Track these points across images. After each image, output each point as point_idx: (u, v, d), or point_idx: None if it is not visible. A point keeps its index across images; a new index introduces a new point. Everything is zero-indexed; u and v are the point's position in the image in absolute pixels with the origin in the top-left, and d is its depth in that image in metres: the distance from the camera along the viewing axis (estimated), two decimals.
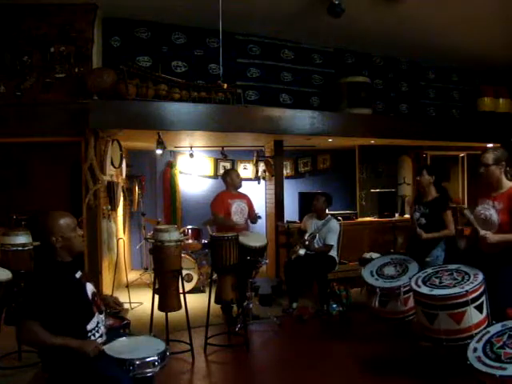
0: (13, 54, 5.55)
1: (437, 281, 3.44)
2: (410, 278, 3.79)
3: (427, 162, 8.48)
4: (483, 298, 3.26)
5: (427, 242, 4.34)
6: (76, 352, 2.35)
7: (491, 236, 3.40)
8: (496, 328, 2.58)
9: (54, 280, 2.46)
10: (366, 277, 4.18)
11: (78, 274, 2.61)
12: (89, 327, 2.52)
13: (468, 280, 3.30)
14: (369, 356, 4.17)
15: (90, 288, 2.65)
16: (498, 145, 8.02)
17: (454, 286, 3.29)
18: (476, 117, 8.24)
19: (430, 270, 3.64)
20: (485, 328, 3.05)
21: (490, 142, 7.82)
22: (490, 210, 3.53)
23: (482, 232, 3.44)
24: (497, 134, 7.76)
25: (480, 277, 3.29)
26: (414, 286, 3.48)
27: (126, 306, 5.78)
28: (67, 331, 2.42)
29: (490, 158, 3.53)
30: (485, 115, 8.18)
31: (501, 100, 8.34)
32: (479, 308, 3.23)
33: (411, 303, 3.88)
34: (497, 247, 3.44)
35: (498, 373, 2.23)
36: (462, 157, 8.51)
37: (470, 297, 3.18)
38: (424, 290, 3.38)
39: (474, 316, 3.19)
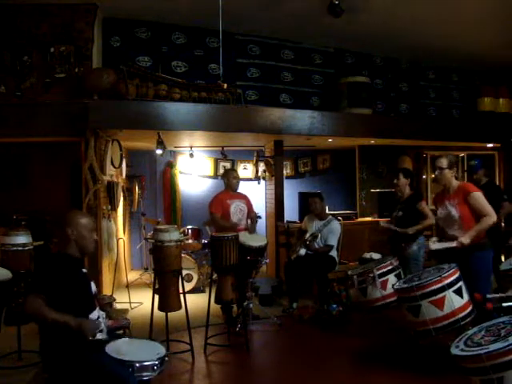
0: (13, 53, 5.56)
1: (416, 279, 3.69)
2: (389, 262, 4.29)
3: (427, 162, 8.48)
4: (460, 283, 3.48)
5: (407, 236, 4.67)
6: (74, 331, 2.40)
7: (465, 239, 3.69)
8: (473, 330, 2.72)
9: (62, 267, 2.59)
10: (348, 272, 4.61)
11: (85, 270, 2.74)
12: (91, 317, 2.58)
13: (443, 270, 3.55)
14: (369, 356, 4.17)
15: (93, 287, 2.76)
16: (499, 145, 8.06)
17: (431, 277, 3.52)
18: (476, 117, 8.25)
19: (410, 276, 3.96)
20: (470, 312, 3.42)
21: (489, 142, 7.85)
22: (449, 208, 3.90)
23: (457, 243, 3.72)
24: (497, 134, 7.76)
25: (453, 265, 3.56)
26: (396, 287, 3.76)
27: (126, 306, 5.78)
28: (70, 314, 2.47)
29: (444, 162, 3.94)
30: (485, 115, 8.19)
31: (501, 100, 8.35)
32: (458, 292, 3.45)
33: (390, 288, 4.13)
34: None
35: (483, 351, 2.34)
36: (462, 157, 8.51)
37: (446, 282, 3.42)
38: (403, 285, 3.67)
39: (454, 300, 3.41)
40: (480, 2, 5.79)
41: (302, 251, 5.61)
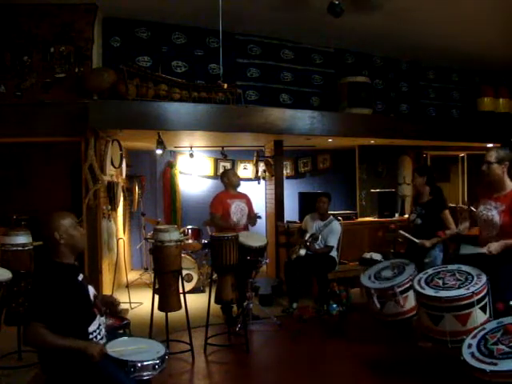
0: (13, 53, 5.55)
1: (440, 282, 3.40)
2: (409, 279, 3.80)
3: (427, 162, 8.48)
4: (487, 299, 3.25)
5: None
6: (81, 354, 2.35)
7: (494, 248, 3.35)
8: (492, 325, 2.61)
9: (57, 282, 2.48)
10: (363, 280, 4.19)
11: (81, 277, 2.63)
12: (90, 329, 2.52)
13: (472, 281, 3.27)
14: (369, 356, 4.17)
15: (91, 290, 2.67)
16: (499, 145, 8.05)
17: (459, 288, 3.26)
18: (476, 117, 8.25)
19: (430, 271, 3.60)
20: None
21: (489, 142, 7.83)
22: (492, 211, 3.49)
23: (486, 249, 3.37)
24: (497, 134, 7.76)
25: (484, 278, 3.27)
26: (418, 288, 3.43)
27: (126, 306, 5.78)
28: (70, 333, 2.42)
29: (493, 156, 3.49)
30: (485, 115, 8.19)
31: (501, 100, 8.35)
32: (483, 309, 3.22)
33: (409, 304, 3.88)
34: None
35: (489, 368, 2.25)
36: (462, 157, 8.51)
37: (476, 298, 3.16)
38: (429, 291, 3.34)
39: (479, 317, 3.18)
40: (480, 2, 5.78)
41: (302, 251, 5.62)
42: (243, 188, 5.80)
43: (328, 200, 5.86)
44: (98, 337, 2.57)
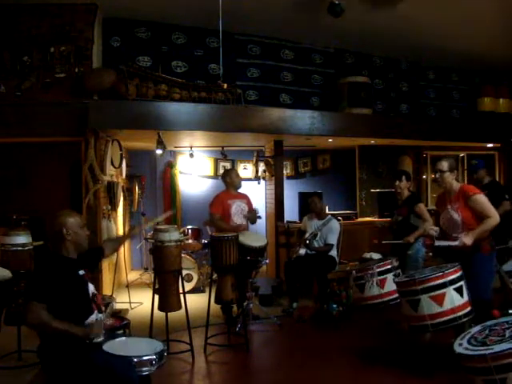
0: (13, 53, 5.55)
1: (417, 275, 3.68)
2: (389, 262, 4.29)
3: (427, 162, 8.48)
4: (462, 282, 3.48)
5: (407, 235, 4.68)
6: (76, 338, 2.43)
7: (467, 239, 3.66)
8: (476, 329, 2.74)
9: (59, 270, 2.58)
10: (348, 269, 4.64)
11: (82, 272, 2.71)
12: (87, 323, 2.56)
13: (446, 267, 3.56)
14: (369, 356, 4.16)
15: (91, 287, 2.72)
16: (499, 145, 8.06)
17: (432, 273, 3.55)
18: (476, 117, 8.25)
19: (411, 272, 3.95)
20: (469, 313, 3.43)
21: (489, 142, 7.85)
22: (451, 212, 3.87)
23: (459, 242, 3.68)
24: (497, 134, 7.76)
25: (456, 263, 3.55)
26: (397, 280, 3.83)
27: (126, 306, 5.78)
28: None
29: (445, 165, 3.91)
30: (485, 115, 8.19)
31: (501, 100, 8.34)
32: (459, 291, 3.45)
33: (389, 286, 4.16)
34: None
35: (487, 351, 2.36)
36: (462, 157, 8.51)
37: (448, 278, 3.43)
38: (405, 279, 3.70)
39: (455, 298, 3.41)
40: (480, 2, 5.79)
41: (302, 251, 5.62)
42: (243, 188, 5.80)
43: (319, 199, 5.91)
44: None
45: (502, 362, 2.29)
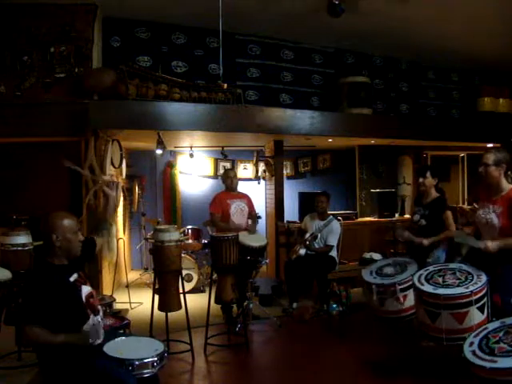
0: (13, 53, 5.55)
1: (440, 279, 3.41)
2: (412, 275, 3.77)
3: (427, 162, 8.48)
4: (485, 299, 3.26)
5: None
6: (77, 346, 2.39)
7: (491, 245, 3.36)
8: (494, 324, 2.64)
9: (47, 283, 2.46)
10: (364, 275, 4.16)
11: (73, 277, 2.58)
12: (85, 329, 2.51)
13: (472, 280, 3.29)
14: (369, 356, 4.17)
15: (85, 290, 2.61)
16: (499, 145, 8.05)
17: (458, 286, 3.28)
18: (476, 117, 8.24)
19: (431, 268, 3.61)
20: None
21: (489, 142, 7.83)
22: (491, 214, 3.49)
23: (482, 244, 3.40)
24: (497, 134, 7.75)
25: (484, 278, 3.28)
26: (417, 284, 3.44)
27: (126, 306, 5.78)
28: (63, 332, 2.43)
29: (490, 158, 3.48)
30: (485, 115, 8.18)
31: (501, 100, 8.34)
32: (481, 308, 3.23)
33: (409, 302, 3.87)
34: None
35: (488, 365, 2.28)
36: (462, 157, 8.51)
37: (475, 297, 3.18)
38: (428, 288, 3.36)
39: (476, 316, 3.20)
40: (480, 2, 5.78)
41: (302, 251, 5.62)
42: (243, 188, 5.80)
43: (327, 199, 5.85)
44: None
45: (501, 378, 2.24)
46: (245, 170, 8.76)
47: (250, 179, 8.43)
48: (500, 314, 3.03)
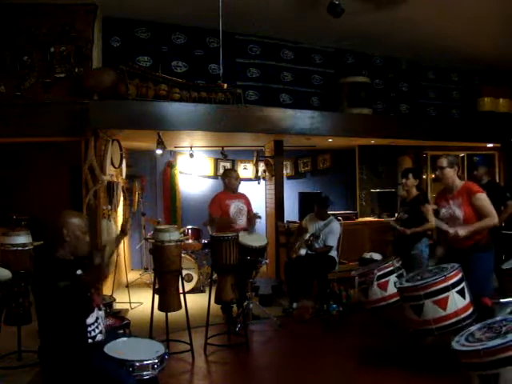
0: (13, 53, 5.55)
1: (419, 277, 3.73)
2: (390, 264, 4.27)
3: (427, 162, 8.48)
4: (463, 284, 3.51)
5: (411, 236, 4.69)
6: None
7: (461, 231, 3.75)
8: (476, 327, 2.79)
9: (58, 270, 2.55)
10: (352, 273, 4.58)
11: (79, 272, 2.66)
12: (88, 321, 2.57)
13: (446, 270, 3.58)
14: (369, 356, 4.17)
15: None
16: (498, 145, 8.06)
17: (434, 276, 3.55)
18: (476, 117, 8.24)
19: (412, 274, 3.97)
20: (472, 313, 3.46)
21: (489, 142, 7.84)
22: (452, 208, 3.94)
23: (451, 231, 3.79)
24: (497, 134, 7.76)
25: (456, 265, 3.58)
26: (398, 285, 3.81)
27: (126, 306, 5.78)
28: (68, 323, 2.47)
29: (444, 161, 4.00)
30: (485, 115, 8.18)
31: (501, 100, 8.33)
32: (461, 293, 3.48)
33: (391, 289, 4.14)
34: (466, 241, 3.82)
35: (481, 347, 2.40)
36: (462, 157, 8.50)
37: (450, 282, 3.45)
38: (407, 284, 3.69)
39: (457, 301, 3.45)
40: (480, 1, 5.78)
41: (303, 251, 5.63)
42: (243, 188, 5.80)
43: (326, 208, 5.88)
44: (97, 330, 2.60)
45: (495, 357, 2.33)
46: (245, 169, 8.76)
47: (250, 179, 8.43)
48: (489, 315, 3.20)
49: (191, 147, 7.90)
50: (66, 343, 2.46)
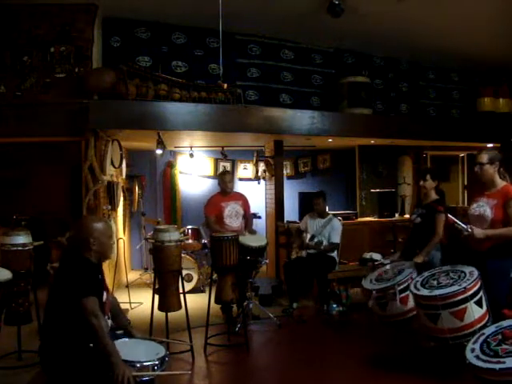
0: (13, 53, 5.55)
1: (434, 282, 3.53)
2: (409, 277, 3.87)
3: (427, 162, 8.48)
4: (481, 293, 3.36)
5: (423, 242, 4.32)
6: (108, 365, 2.34)
7: (477, 231, 3.55)
8: (490, 329, 2.68)
9: (89, 269, 2.57)
10: (364, 284, 4.19)
11: (100, 276, 2.71)
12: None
13: (464, 277, 3.40)
14: (369, 356, 4.16)
15: (104, 293, 2.70)
16: (498, 145, 8.05)
17: (452, 285, 3.38)
18: (476, 117, 8.24)
19: (426, 274, 3.73)
20: (486, 322, 3.26)
21: (489, 142, 7.83)
22: (484, 207, 3.71)
23: (468, 228, 3.57)
24: (497, 134, 7.75)
25: (476, 273, 3.41)
26: (414, 290, 3.56)
27: (126, 306, 5.78)
28: (82, 323, 2.45)
29: (484, 157, 3.73)
30: (485, 115, 8.18)
31: (501, 100, 8.34)
32: (479, 303, 3.33)
33: (411, 303, 3.88)
34: (484, 243, 3.60)
35: (498, 366, 2.29)
36: (462, 157, 8.51)
37: (469, 293, 3.29)
38: (424, 292, 3.46)
39: (475, 311, 3.30)
40: (480, 2, 5.78)
41: (304, 252, 5.64)
42: (243, 188, 5.79)
43: (323, 199, 5.85)
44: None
45: None
46: (245, 169, 8.77)
47: (249, 179, 8.43)
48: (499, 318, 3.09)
49: (191, 147, 7.90)
50: (69, 343, 2.45)
